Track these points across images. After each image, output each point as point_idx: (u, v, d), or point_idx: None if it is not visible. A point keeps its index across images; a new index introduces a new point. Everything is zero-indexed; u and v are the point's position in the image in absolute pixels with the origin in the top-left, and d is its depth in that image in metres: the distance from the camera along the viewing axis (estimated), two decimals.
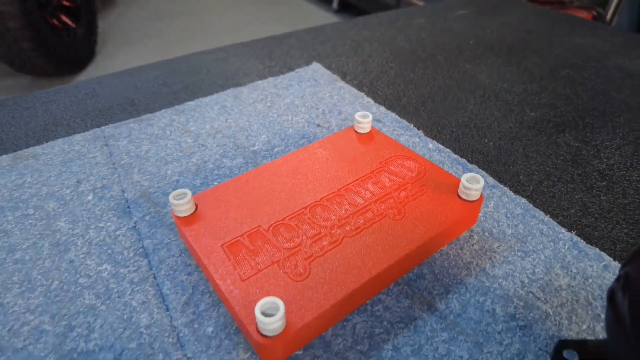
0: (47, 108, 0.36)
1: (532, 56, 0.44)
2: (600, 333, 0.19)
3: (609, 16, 0.91)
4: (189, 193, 0.21)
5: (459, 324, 0.19)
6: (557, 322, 0.19)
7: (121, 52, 1.83)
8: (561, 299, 0.20)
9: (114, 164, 0.28)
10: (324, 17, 2.03)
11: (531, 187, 0.27)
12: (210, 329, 0.19)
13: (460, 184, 0.21)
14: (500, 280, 0.21)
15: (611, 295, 0.13)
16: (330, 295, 0.17)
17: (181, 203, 0.20)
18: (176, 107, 0.34)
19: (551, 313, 0.19)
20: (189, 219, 0.21)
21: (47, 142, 0.31)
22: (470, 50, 0.45)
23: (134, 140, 0.31)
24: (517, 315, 0.19)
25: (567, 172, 0.29)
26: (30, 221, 0.24)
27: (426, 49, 0.45)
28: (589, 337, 0.19)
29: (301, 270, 0.18)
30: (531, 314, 0.19)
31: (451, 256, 0.22)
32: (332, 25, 0.50)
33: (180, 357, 0.18)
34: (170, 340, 0.18)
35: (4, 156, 0.30)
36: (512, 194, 0.26)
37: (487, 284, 0.20)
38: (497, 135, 0.32)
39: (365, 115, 0.26)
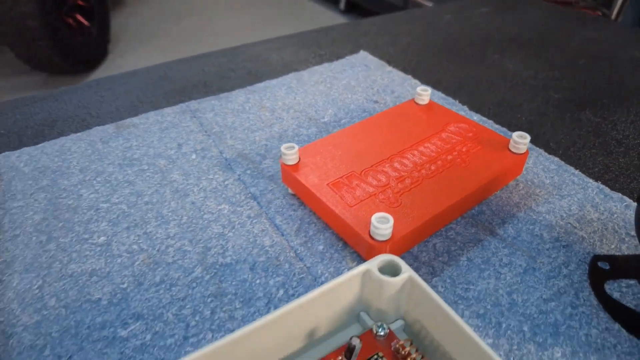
0: (127, 89, 0.41)
1: (551, 48, 0.50)
2: (625, 251, 0.24)
3: (613, 15, 0.97)
4: (296, 146, 0.26)
5: (516, 244, 0.24)
6: (591, 243, 0.25)
7: (132, 51, 1.89)
8: (593, 227, 0.26)
9: (206, 131, 0.34)
10: (331, 18, 2.09)
11: (560, 151, 0.33)
12: (321, 247, 0.24)
13: (512, 139, 0.27)
14: (544, 214, 0.26)
15: (639, 197, 0.19)
16: (420, 216, 0.23)
17: (291, 153, 0.26)
18: (247, 87, 0.40)
19: (586, 237, 0.25)
20: (296, 167, 0.26)
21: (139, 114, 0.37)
22: (496, 43, 0.51)
23: (219, 113, 0.36)
24: (559, 238, 0.25)
25: (589, 140, 0.34)
26: (147, 174, 0.30)
27: (457, 42, 0.51)
28: (617, 253, 0.24)
29: (394, 200, 0.24)
30: (570, 238, 0.25)
31: (503, 198, 0.27)
32: (368, 20, 0.56)
33: (301, 266, 0.23)
34: (291, 255, 0.24)
35: (108, 125, 0.35)
36: (547, 154, 0.32)
37: (534, 217, 0.26)
38: (527, 112, 0.38)
39: (425, 89, 0.32)
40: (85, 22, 1.76)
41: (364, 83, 0.40)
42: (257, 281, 0.23)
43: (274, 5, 2.28)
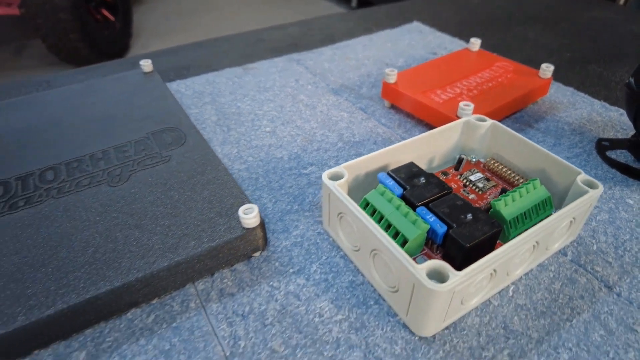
0: (232, 48, 0.55)
1: (563, 23, 0.64)
2: (619, 136, 0.38)
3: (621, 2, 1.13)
4: (396, 70, 0.40)
5: (547, 133, 0.38)
6: (597, 133, 0.38)
7: (152, 45, 2.02)
8: (598, 124, 0.39)
9: (312, 72, 0.48)
10: None
11: (572, 87, 0.47)
12: (417, 133, 0.38)
13: (541, 68, 0.41)
14: (564, 117, 0.40)
15: (627, 84, 0.33)
16: (486, 107, 0.36)
17: (392, 74, 0.39)
18: (330, 46, 0.53)
19: (593, 129, 0.39)
20: (395, 84, 0.40)
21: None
22: (517, 19, 0.65)
23: (316, 62, 0.50)
24: (575, 129, 0.38)
25: (594, 82, 0.48)
26: (281, 96, 0.43)
27: (485, 18, 0.65)
28: (614, 138, 0.38)
29: (467, 100, 0.37)
30: (582, 129, 0.39)
31: (535, 109, 0.41)
32: (409, 2, 0.70)
33: None
34: (399, 137, 0.37)
35: (235, 67, 0.49)
36: (564, 85, 0.45)
37: (557, 118, 0.40)
38: None
39: (477, 39, 0.45)
40: (111, 17, 1.89)
41: (421, 42, 0.54)
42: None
43: (288, 4, 2.43)
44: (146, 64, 0.42)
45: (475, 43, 0.46)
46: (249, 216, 0.25)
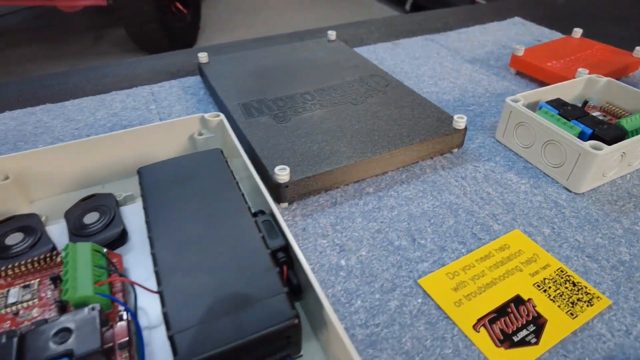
0: (374, 29, 0.72)
1: (634, 20, 0.80)
2: None
3: None
4: (523, 46, 0.56)
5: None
6: None
7: (217, 39, 2.22)
8: None
9: (447, 48, 0.64)
10: None
11: None
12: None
13: (635, 49, 0.57)
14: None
15: None
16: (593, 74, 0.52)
17: (521, 48, 0.56)
18: (452, 31, 0.70)
19: None
20: (523, 56, 0.56)
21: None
22: (575, 13, 0.81)
23: (447, 42, 0.66)
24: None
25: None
26: (430, 62, 0.60)
27: (570, 15, 0.81)
28: None
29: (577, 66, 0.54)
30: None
31: (628, 80, 0.57)
32: (505, 3, 0.86)
33: None
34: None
35: (386, 43, 0.66)
36: None
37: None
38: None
39: (579, 29, 0.62)
40: (183, 10, 2.10)
41: (527, 32, 0.70)
42: None
43: (341, 5, 2.62)
44: (332, 34, 0.60)
45: (578, 32, 0.62)
46: (461, 120, 0.41)
